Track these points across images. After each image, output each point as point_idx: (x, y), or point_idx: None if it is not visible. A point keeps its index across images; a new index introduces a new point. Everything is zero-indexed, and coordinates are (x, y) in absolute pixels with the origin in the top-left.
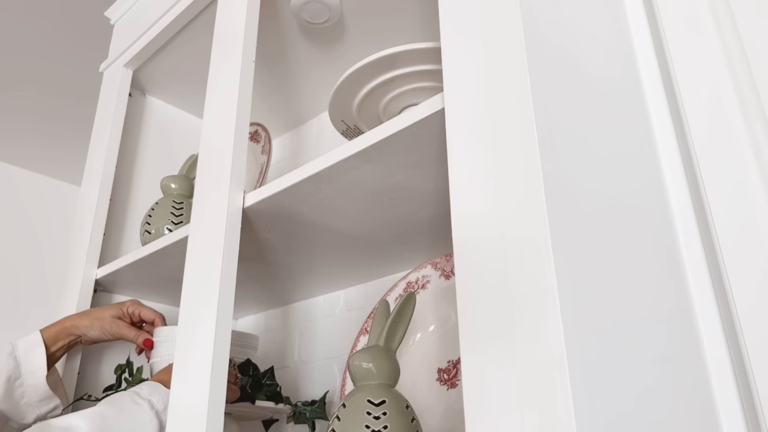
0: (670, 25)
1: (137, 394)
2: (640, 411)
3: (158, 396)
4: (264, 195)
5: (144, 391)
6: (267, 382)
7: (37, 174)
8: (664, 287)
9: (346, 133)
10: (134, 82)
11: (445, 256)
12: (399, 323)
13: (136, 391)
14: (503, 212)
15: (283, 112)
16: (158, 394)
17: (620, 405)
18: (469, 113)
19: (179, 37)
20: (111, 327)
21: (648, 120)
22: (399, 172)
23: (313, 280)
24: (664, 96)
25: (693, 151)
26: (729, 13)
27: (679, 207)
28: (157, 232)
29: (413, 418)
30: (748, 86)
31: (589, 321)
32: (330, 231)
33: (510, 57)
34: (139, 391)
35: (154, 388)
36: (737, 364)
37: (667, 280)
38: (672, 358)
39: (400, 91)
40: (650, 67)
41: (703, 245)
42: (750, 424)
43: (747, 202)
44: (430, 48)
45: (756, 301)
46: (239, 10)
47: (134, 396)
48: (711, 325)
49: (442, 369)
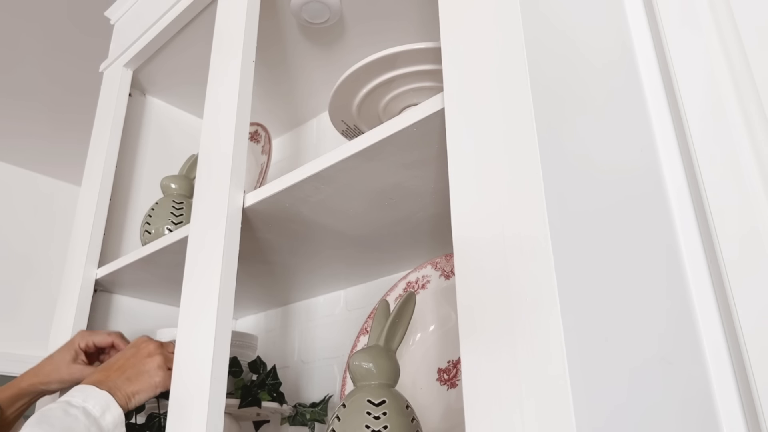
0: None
1: (69, 404)
2: (640, 411)
3: (94, 401)
4: (264, 195)
5: (77, 399)
6: (270, 381)
7: (37, 174)
8: (664, 287)
9: (346, 133)
10: (134, 82)
11: (445, 256)
12: (399, 323)
13: (67, 401)
14: (503, 212)
15: (283, 112)
16: (93, 398)
17: (620, 405)
18: (469, 113)
19: (179, 37)
20: (69, 374)
21: (648, 120)
22: (399, 172)
23: (313, 280)
24: (664, 96)
25: (693, 151)
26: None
27: (679, 207)
28: (157, 232)
29: (413, 418)
30: (748, 86)
31: (589, 321)
32: (330, 231)
33: (510, 57)
34: (71, 400)
35: (87, 393)
36: (737, 364)
37: (667, 279)
38: (672, 358)
39: (400, 91)
40: (650, 66)
41: (703, 245)
42: (750, 424)
43: (747, 202)
44: (430, 48)
45: (756, 301)
46: (239, 10)
47: (66, 406)
48: (711, 324)
49: (442, 369)
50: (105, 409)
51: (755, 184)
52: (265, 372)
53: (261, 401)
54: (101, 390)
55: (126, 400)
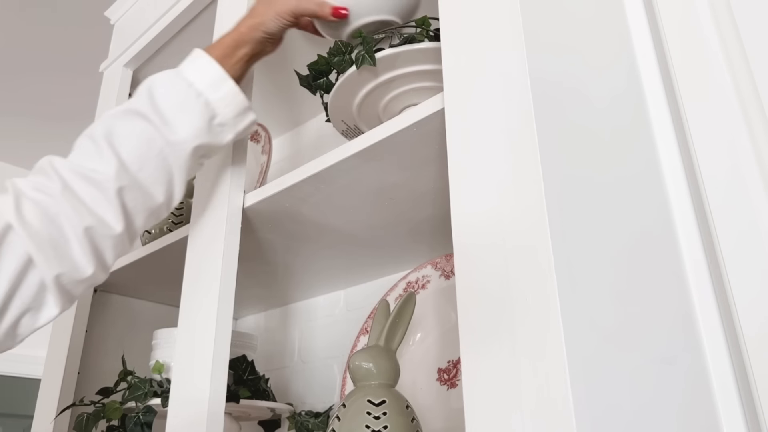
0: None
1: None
2: (640, 411)
3: (193, 71)
4: (264, 195)
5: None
6: (249, 377)
7: None
8: (664, 287)
9: (346, 133)
10: (134, 82)
11: (445, 256)
12: (399, 323)
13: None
14: (504, 212)
15: (283, 112)
16: (193, 69)
17: (620, 405)
18: (469, 113)
19: (179, 37)
20: (286, 4)
21: (648, 120)
22: (399, 172)
23: (313, 280)
24: (664, 96)
25: (693, 151)
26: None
27: (680, 207)
28: (157, 233)
29: (413, 418)
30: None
31: (590, 321)
32: (330, 231)
33: (510, 57)
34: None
35: (191, 60)
36: (737, 364)
37: (668, 280)
38: (672, 359)
39: (400, 91)
40: (651, 70)
41: (703, 245)
42: (750, 424)
43: (747, 202)
44: (430, 48)
45: (756, 301)
46: (239, 10)
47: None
48: (711, 325)
49: (442, 369)
50: (216, 79)
51: (755, 183)
52: (242, 368)
53: (240, 398)
54: (208, 57)
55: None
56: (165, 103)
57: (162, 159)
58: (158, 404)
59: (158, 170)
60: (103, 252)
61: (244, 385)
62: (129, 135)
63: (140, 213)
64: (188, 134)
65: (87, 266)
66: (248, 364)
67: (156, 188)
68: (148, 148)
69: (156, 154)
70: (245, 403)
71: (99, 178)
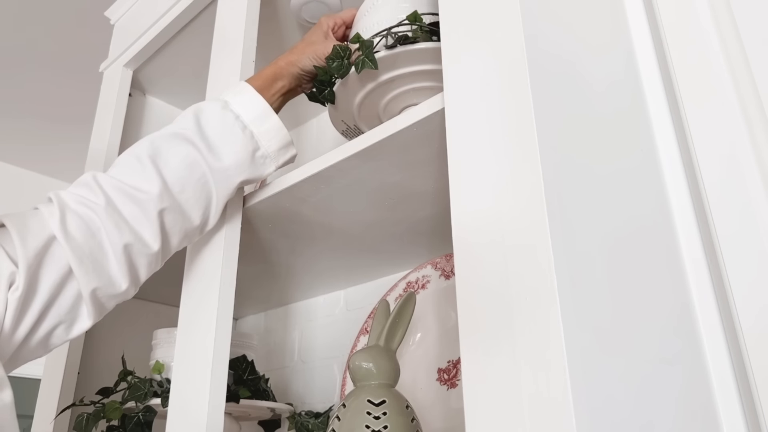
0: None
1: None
2: (640, 411)
3: (239, 103)
4: (264, 195)
5: (231, 100)
6: (249, 377)
7: (37, 174)
8: (664, 287)
9: (346, 133)
10: (134, 82)
11: (445, 256)
12: (399, 323)
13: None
14: (504, 211)
15: (283, 112)
16: (240, 102)
17: (620, 405)
18: (469, 113)
19: (179, 37)
20: (324, 48)
21: (648, 120)
22: (399, 172)
23: (313, 280)
24: (664, 96)
25: (693, 151)
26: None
27: (679, 206)
28: None
29: (413, 417)
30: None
31: (590, 321)
32: (330, 231)
33: (510, 57)
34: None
35: (238, 92)
36: (737, 364)
37: (668, 280)
38: (672, 359)
39: (400, 91)
40: (650, 67)
41: (703, 245)
42: (750, 424)
43: (747, 202)
44: (430, 48)
45: (756, 301)
46: (239, 10)
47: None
48: (711, 325)
49: (442, 369)
50: (260, 113)
51: (755, 183)
52: (242, 368)
53: (240, 398)
54: (252, 90)
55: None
56: (212, 131)
57: (203, 184)
58: (158, 404)
59: (198, 194)
60: (138, 269)
61: (244, 385)
62: (174, 157)
63: (176, 234)
64: (231, 163)
65: (122, 282)
66: (248, 364)
67: (194, 212)
68: (191, 172)
69: (198, 178)
70: (245, 403)
71: (142, 197)
